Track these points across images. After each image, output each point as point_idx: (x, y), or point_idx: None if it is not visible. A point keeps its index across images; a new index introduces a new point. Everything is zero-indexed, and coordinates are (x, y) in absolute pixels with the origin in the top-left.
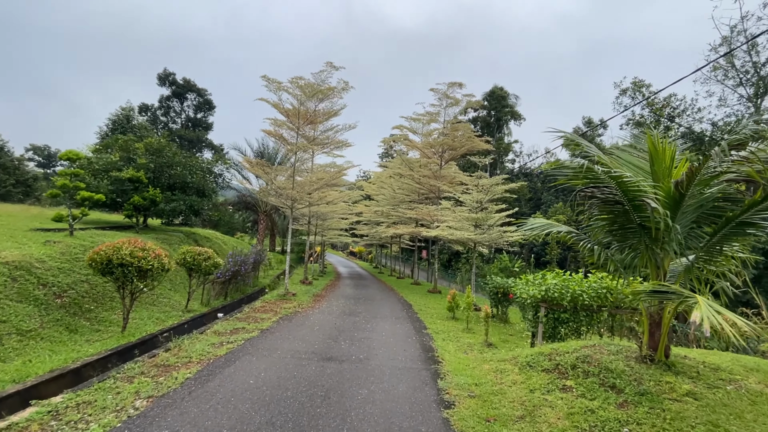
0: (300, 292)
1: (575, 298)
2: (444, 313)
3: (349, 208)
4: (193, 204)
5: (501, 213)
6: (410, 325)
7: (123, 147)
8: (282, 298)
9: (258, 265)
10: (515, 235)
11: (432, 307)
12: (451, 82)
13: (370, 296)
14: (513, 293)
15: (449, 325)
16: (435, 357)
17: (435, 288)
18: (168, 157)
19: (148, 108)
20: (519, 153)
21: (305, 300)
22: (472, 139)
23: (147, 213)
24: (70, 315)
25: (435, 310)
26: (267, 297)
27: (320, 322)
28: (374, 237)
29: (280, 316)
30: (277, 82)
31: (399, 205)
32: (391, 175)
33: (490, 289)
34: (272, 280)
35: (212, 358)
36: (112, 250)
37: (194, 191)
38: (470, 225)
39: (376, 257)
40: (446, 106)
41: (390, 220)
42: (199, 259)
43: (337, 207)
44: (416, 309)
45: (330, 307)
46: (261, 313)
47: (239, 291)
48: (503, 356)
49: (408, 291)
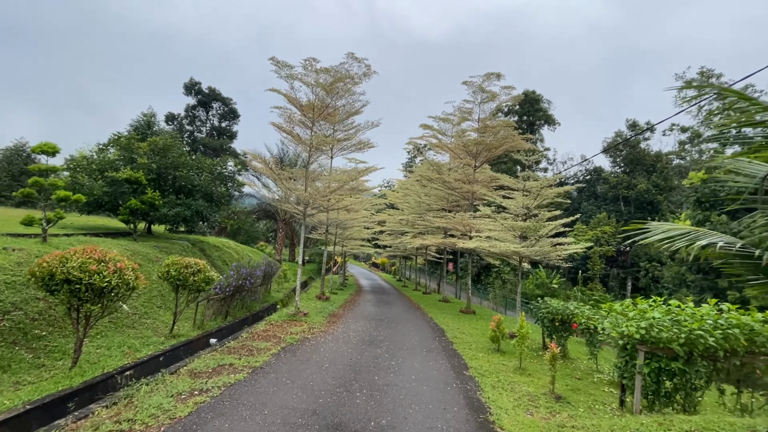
0: (313, 310)
1: (693, 341)
2: (485, 343)
3: (371, 216)
4: (201, 210)
5: (556, 221)
6: (446, 363)
7: (125, 146)
8: (291, 318)
9: (269, 278)
10: (573, 248)
11: (468, 332)
12: (488, 73)
13: (394, 317)
14: (577, 322)
15: (495, 361)
16: (489, 423)
17: (468, 308)
18: (174, 157)
19: (175, 117)
20: (553, 161)
21: (318, 321)
22: (513, 137)
23: (148, 218)
24: (7, 344)
25: (473, 337)
26: (274, 317)
27: (332, 355)
28: (398, 248)
29: (283, 346)
30: (288, 65)
31: (426, 213)
32: (418, 179)
33: (544, 314)
34: (286, 295)
35: (166, 424)
36: (58, 261)
37: (202, 196)
38: (514, 236)
39: (399, 269)
40: (481, 102)
41: (416, 230)
42: (186, 273)
43: (358, 215)
44: (450, 336)
45: (346, 333)
46: (260, 340)
47: (245, 308)
48: (586, 424)
49: (437, 310)
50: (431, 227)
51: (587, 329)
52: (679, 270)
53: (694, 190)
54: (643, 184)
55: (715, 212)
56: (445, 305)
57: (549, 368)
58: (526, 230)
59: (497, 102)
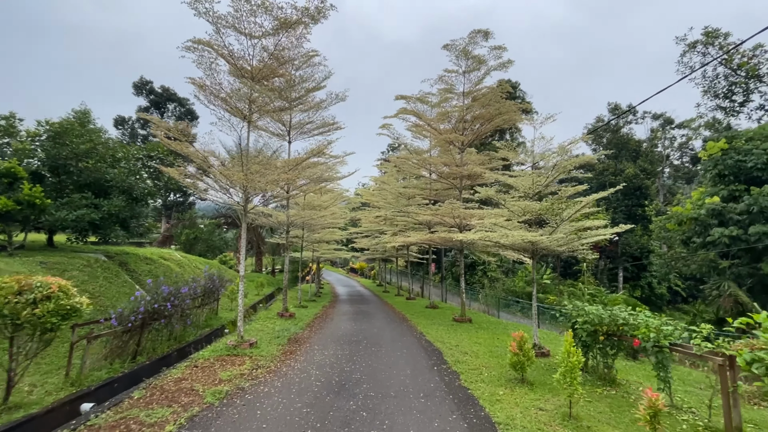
0: (267, 336)
1: None
2: (499, 368)
3: (344, 215)
4: (116, 211)
5: (588, 197)
6: (459, 418)
7: (6, 131)
8: (230, 352)
9: (211, 297)
10: (604, 232)
11: (471, 350)
12: (473, 31)
13: (375, 336)
14: (640, 337)
15: (525, 401)
16: None
17: (463, 315)
18: (76, 144)
19: (125, 121)
20: (531, 153)
21: (269, 354)
22: (506, 107)
23: (33, 224)
24: None
25: (480, 358)
26: (204, 353)
27: (274, 425)
28: (376, 250)
29: (192, 415)
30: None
31: (406, 208)
32: (397, 168)
33: (581, 326)
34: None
35: None
36: None
37: (121, 193)
38: (524, 223)
39: (379, 273)
40: (466, 71)
41: (395, 228)
42: (18, 304)
43: (326, 212)
44: (451, 360)
45: (306, 371)
46: (160, 403)
47: (174, 338)
48: None
49: (426, 320)
50: (414, 223)
51: (656, 346)
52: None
53: (713, 163)
54: (631, 169)
55: (741, 185)
56: (434, 313)
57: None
58: (545, 212)
59: (485, 69)
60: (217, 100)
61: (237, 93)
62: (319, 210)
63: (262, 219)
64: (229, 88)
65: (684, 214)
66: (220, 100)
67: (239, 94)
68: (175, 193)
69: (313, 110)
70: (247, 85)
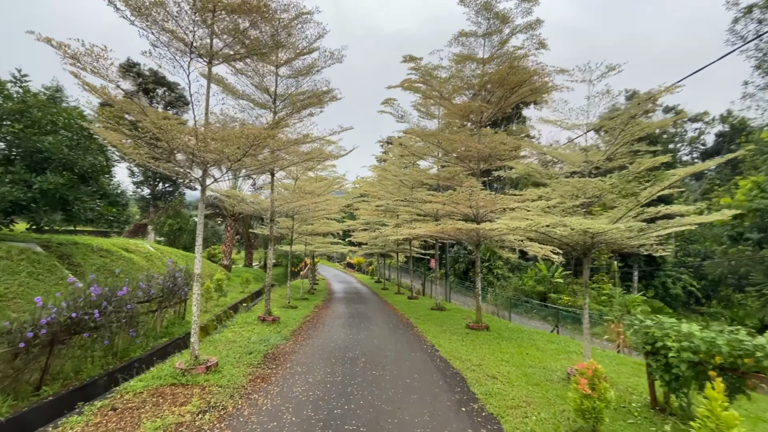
0: (236, 352)
1: None
2: (550, 408)
3: (338, 202)
4: (54, 190)
5: (684, 170)
6: None
7: None
8: (176, 380)
9: (174, 298)
10: (692, 220)
11: (504, 375)
12: None
13: (376, 352)
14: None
15: None
16: None
17: (479, 321)
18: None
19: (111, 106)
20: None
21: (231, 382)
22: (541, 70)
23: None
24: None
25: (518, 389)
26: (139, 382)
27: None
28: (375, 244)
29: None
30: None
31: (411, 196)
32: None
33: (677, 355)
34: (216, 316)
35: None
36: None
37: (63, 169)
38: (568, 208)
39: (377, 269)
40: (486, 32)
41: (397, 219)
42: None
43: (319, 200)
44: (479, 391)
45: (278, 420)
46: None
47: (114, 355)
48: None
49: (435, 327)
50: (417, 214)
51: None
52: None
53: None
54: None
55: None
56: (441, 316)
57: None
58: (615, 191)
59: (509, 29)
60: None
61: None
62: (311, 196)
63: (243, 205)
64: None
65: (742, 204)
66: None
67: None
68: (164, 183)
69: (303, 76)
70: None
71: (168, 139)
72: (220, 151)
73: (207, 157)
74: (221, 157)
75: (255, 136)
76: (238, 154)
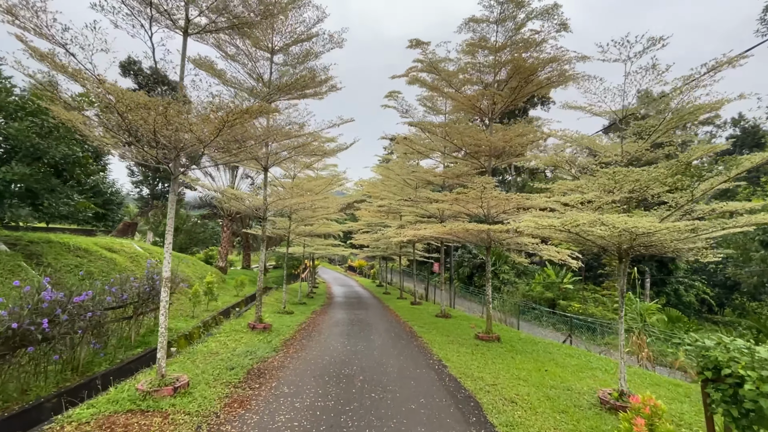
0: (216, 364)
1: None
2: None
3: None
4: (18, 182)
5: (755, 156)
6: None
7: None
8: (135, 405)
9: (152, 304)
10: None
11: (524, 399)
12: None
13: (376, 368)
14: None
15: None
16: None
17: (490, 331)
18: None
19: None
20: (543, 149)
21: (202, 407)
22: (563, 56)
23: None
24: None
25: (542, 418)
26: (88, 409)
27: None
28: (377, 247)
29: None
30: None
31: (416, 195)
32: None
33: (754, 389)
34: (205, 322)
35: None
36: None
37: (29, 159)
38: (603, 205)
39: (379, 273)
40: (499, 18)
41: (400, 221)
42: None
43: (317, 197)
44: (497, 422)
45: None
46: None
47: (73, 370)
48: None
49: (441, 337)
50: (421, 215)
51: None
52: None
53: None
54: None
55: None
56: (447, 324)
57: None
58: (675, 180)
59: (524, 14)
60: None
61: None
62: (309, 194)
63: (235, 203)
64: None
65: None
66: None
67: None
68: (163, 182)
69: (300, 63)
70: None
71: (122, 111)
72: (187, 129)
73: (172, 136)
74: (191, 138)
75: (230, 111)
76: (209, 135)
